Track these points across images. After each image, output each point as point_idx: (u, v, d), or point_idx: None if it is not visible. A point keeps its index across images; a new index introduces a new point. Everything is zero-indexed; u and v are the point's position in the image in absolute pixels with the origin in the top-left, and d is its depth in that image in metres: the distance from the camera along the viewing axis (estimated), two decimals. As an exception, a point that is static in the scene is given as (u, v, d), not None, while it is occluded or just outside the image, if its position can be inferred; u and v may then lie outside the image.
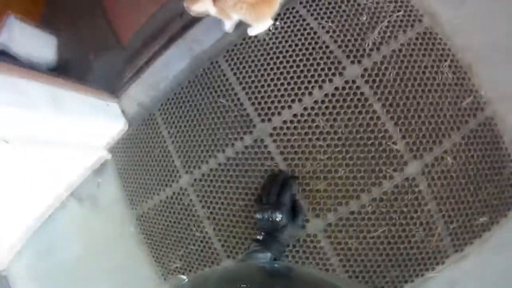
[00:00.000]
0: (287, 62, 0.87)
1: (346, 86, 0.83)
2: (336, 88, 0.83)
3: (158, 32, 1.03)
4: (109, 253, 1.08)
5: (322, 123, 0.83)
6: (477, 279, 0.80)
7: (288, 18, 0.89)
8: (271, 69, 0.88)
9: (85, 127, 0.96)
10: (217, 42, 0.94)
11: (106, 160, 1.09)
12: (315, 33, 0.87)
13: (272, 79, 0.87)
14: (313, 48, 0.86)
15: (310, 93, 0.85)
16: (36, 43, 1.23)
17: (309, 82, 0.85)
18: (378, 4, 0.86)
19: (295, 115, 0.85)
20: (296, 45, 0.87)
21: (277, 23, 0.89)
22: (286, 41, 0.88)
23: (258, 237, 0.75)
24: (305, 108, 0.84)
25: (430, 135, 0.80)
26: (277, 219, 0.72)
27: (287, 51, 0.87)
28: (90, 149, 1.06)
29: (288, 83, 0.86)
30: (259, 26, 0.86)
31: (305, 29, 0.88)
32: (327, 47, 0.85)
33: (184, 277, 0.49)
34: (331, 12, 0.87)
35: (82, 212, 1.13)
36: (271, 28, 0.90)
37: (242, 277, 0.36)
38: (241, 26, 0.90)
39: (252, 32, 0.88)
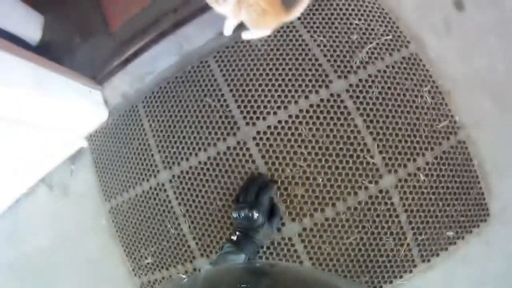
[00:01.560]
0: (277, 69, 0.89)
1: (331, 98, 0.86)
2: (321, 100, 0.86)
3: (150, 25, 1.01)
4: (78, 245, 1.05)
5: (305, 131, 0.85)
6: (441, 289, 0.84)
7: (282, 27, 0.91)
8: (260, 74, 0.89)
9: (65, 112, 0.93)
10: (208, 42, 0.94)
11: (82, 148, 1.06)
12: (306, 45, 0.89)
13: (260, 84, 0.89)
14: (303, 59, 0.88)
15: (296, 102, 0.87)
16: (23, 19, 1.16)
17: (296, 91, 0.87)
18: (369, 26, 0.90)
19: (279, 121, 0.86)
20: (287, 54, 0.89)
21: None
22: (278, 50, 0.90)
23: (232, 237, 0.74)
24: (289, 116, 0.86)
25: (406, 152, 0.84)
26: (254, 218, 0.72)
27: (277, 59, 0.89)
28: (68, 136, 1.02)
29: (276, 90, 0.88)
30: (256, 33, 0.87)
31: (297, 40, 0.90)
32: (316, 59, 0.88)
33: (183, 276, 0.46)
34: (323, 27, 0.90)
35: (51, 200, 1.09)
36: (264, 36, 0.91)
37: (225, 281, 0.35)
38: (235, 30, 0.91)
39: (246, 36, 0.89)
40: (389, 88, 0.87)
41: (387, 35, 0.90)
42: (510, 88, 0.89)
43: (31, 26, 1.20)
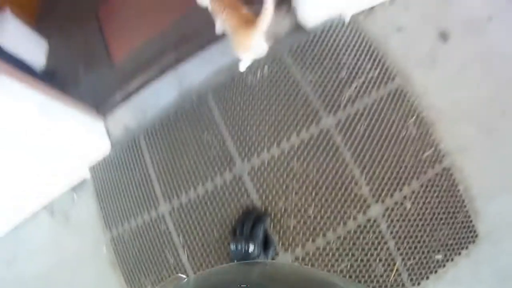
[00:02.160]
0: (270, 107, 0.95)
1: (320, 134, 0.91)
2: (312, 136, 0.92)
3: (152, 59, 1.07)
4: (76, 272, 1.06)
5: (296, 166, 0.91)
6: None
7: (276, 64, 0.97)
8: (255, 112, 0.95)
9: (68, 142, 0.96)
10: (207, 79, 0.99)
11: (85, 177, 1.09)
12: (298, 83, 0.95)
13: (255, 122, 0.94)
14: (295, 98, 0.94)
15: (288, 139, 0.92)
16: (28, 44, 1.21)
17: (288, 128, 0.93)
18: (358, 62, 0.96)
19: (272, 157, 0.92)
20: (280, 92, 0.95)
21: (266, 68, 0.96)
22: (271, 88, 0.96)
23: None
24: (282, 152, 0.92)
25: (392, 183, 0.89)
26: (250, 250, 0.76)
27: (271, 97, 0.95)
28: (70, 166, 1.05)
29: (269, 128, 0.93)
30: (246, 57, 0.91)
31: (289, 79, 0.95)
32: (307, 97, 0.93)
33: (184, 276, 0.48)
34: (315, 64, 0.96)
35: (52, 226, 1.10)
36: (258, 73, 0.97)
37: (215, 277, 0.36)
38: (231, 68, 0.96)
39: (242, 67, 0.94)
40: (376, 121, 0.92)
41: (375, 69, 0.94)
42: (493, 114, 0.92)
43: (36, 52, 1.24)
